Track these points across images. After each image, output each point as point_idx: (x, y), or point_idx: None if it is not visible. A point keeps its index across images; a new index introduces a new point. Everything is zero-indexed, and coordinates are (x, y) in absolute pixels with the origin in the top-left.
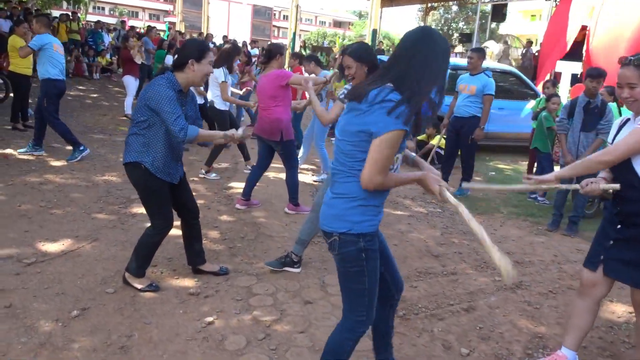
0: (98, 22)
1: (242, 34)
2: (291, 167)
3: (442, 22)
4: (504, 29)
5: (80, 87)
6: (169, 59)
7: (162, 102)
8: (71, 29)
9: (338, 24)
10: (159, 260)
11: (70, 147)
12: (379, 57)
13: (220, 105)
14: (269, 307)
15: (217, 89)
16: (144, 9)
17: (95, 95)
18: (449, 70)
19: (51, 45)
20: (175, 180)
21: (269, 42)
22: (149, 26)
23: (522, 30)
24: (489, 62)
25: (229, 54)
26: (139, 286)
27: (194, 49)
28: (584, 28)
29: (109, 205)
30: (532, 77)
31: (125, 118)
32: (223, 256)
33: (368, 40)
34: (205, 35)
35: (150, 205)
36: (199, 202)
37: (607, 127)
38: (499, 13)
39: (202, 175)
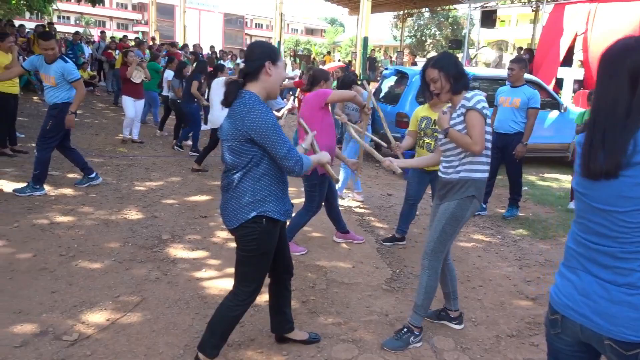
0: (77, 33)
1: (213, 43)
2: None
3: (415, 28)
4: (474, 34)
5: None
6: (169, 74)
7: (269, 130)
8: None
9: (310, 31)
10: None
11: (73, 175)
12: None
13: None
14: None
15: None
16: (111, 18)
17: (80, 112)
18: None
19: None
20: (290, 216)
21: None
22: (136, 38)
23: (492, 35)
24: (488, 70)
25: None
26: None
27: (264, 49)
28: (575, 34)
29: (141, 250)
30: None
31: (121, 138)
32: (301, 315)
33: (359, 48)
34: (191, 45)
35: (252, 269)
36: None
37: None
38: (489, 19)
39: None
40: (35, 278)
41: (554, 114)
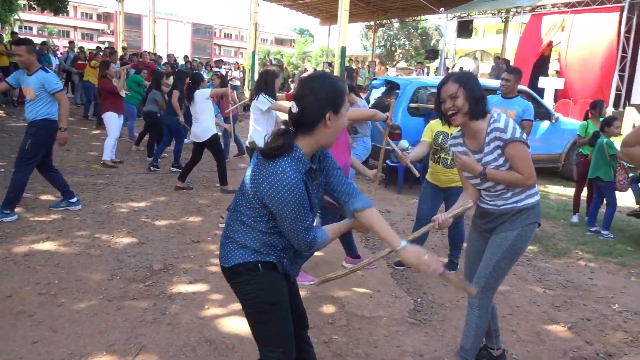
0: (44, 43)
1: (182, 53)
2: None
3: (385, 38)
4: (447, 44)
5: None
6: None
7: (286, 207)
8: (12, 51)
9: (280, 41)
10: None
11: (47, 197)
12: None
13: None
14: None
15: (260, 123)
16: (75, 28)
17: None
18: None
19: None
20: (292, 277)
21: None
22: (110, 48)
23: (462, 46)
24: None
25: (266, 80)
26: None
27: (326, 94)
28: (549, 43)
29: (131, 283)
30: None
31: (95, 155)
32: (325, 359)
33: (337, 58)
34: (164, 55)
35: (266, 327)
36: None
37: None
38: (465, 29)
39: (223, 226)
40: (13, 325)
41: (544, 124)
